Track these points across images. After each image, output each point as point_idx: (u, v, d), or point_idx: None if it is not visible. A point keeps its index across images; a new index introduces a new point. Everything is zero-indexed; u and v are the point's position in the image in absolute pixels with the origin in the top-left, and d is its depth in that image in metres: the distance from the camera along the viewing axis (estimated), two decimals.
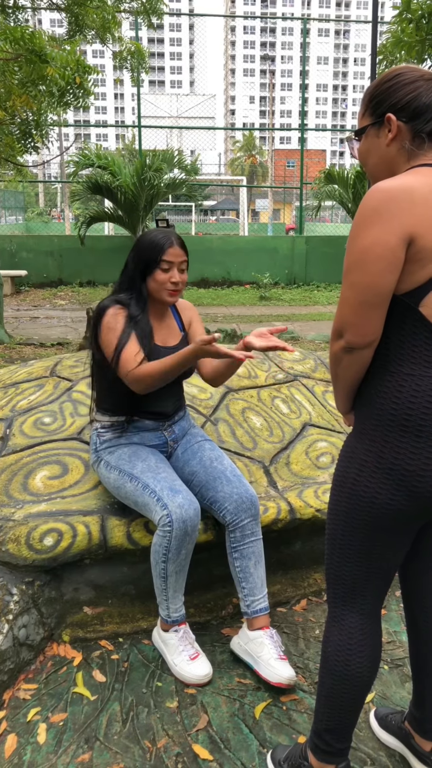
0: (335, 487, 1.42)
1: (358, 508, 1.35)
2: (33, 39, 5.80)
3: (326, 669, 1.47)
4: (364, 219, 1.23)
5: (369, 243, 1.21)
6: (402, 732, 1.69)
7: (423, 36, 6.36)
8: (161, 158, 10.80)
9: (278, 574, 2.40)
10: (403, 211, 1.20)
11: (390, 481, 1.29)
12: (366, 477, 1.33)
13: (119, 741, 1.74)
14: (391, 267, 1.21)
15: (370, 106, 1.37)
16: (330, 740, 1.48)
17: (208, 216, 40.61)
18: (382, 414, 1.30)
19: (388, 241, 1.20)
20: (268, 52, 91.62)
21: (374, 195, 1.22)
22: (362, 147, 1.41)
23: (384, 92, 1.34)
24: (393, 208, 1.20)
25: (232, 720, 1.82)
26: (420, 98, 1.30)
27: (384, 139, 1.35)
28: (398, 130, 1.33)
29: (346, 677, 1.44)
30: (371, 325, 1.25)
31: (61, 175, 25.50)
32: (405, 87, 1.32)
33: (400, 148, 1.33)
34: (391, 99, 1.33)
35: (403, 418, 1.27)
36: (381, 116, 1.35)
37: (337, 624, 1.46)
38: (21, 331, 8.37)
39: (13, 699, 1.90)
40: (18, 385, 2.88)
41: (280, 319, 9.61)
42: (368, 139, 1.39)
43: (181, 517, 1.90)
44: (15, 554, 2.02)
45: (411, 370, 1.27)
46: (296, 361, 3.28)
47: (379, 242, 1.20)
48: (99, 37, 7.80)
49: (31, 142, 7.02)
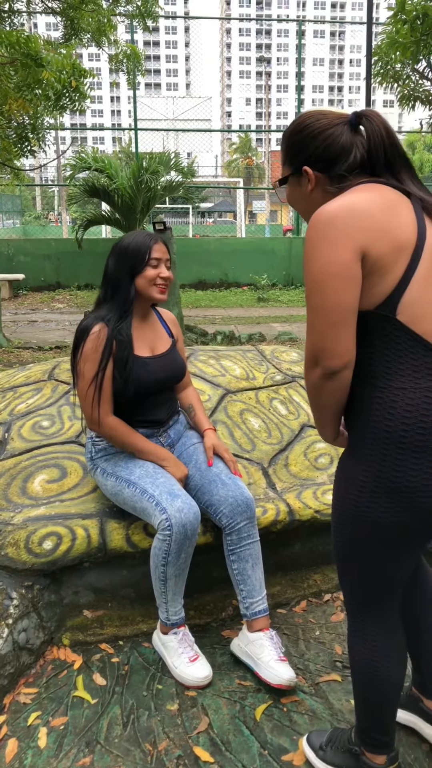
0: (337, 509, 1.40)
1: (363, 530, 1.33)
2: (28, 43, 5.80)
3: (356, 676, 1.51)
4: (312, 244, 1.24)
5: (322, 264, 1.22)
6: (411, 699, 1.74)
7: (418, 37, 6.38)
8: (158, 161, 10.79)
9: (278, 575, 2.40)
10: (348, 228, 1.20)
11: (392, 501, 1.28)
12: (367, 498, 1.30)
13: (120, 744, 1.74)
14: (348, 283, 1.21)
15: (288, 157, 1.41)
16: (374, 735, 1.52)
17: (206, 218, 40.63)
18: (377, 433, 1.27)
19: (341, 258, 1.20)
20: (264, 54, 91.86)
21: (318, 219, 1.24)
22: (289, 194, 1.46)
23: (297, 144, 1.37)
24: (338, 228, 1.21)
25: (233, 722, 1.82)
26: (332, 146, 1.33)
27: (305, 188, 1.38)
28: (317, 180, 1.36)
29: (376, 683, 1.47)
30: (343, 345, 1.23)
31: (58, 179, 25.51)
32: (315, 138, 1.34)
33: (324, 192, 1.36)
34: (305, 152, 1.35)
35: (399, 436, 1.25)
36: (298, 167, 1.37)
37: (360, 634, 1.47)
38: (19, 334, 8.37)
39: (14, 703, 1.89)
40: (16, 389, 2.88)
41: (278, 320, 9.62)
42: (292, 187, 1.43)
43: (181, 521, 1.90)
44: (14, 558, 2.02)
45: (401, 383, 1.25)
46: (294, 362, 3.28)
47: (331, 261, 1.21)
48: (95, 41, 7.81)
49: (27, 146, 7.04)
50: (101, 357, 2.02)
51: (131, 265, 2.08)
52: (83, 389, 2.04)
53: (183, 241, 14.27)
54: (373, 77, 7.93)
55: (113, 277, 2.11)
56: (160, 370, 2.15)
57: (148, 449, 2.08)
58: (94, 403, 2.03)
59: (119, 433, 2.06)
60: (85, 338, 2.04)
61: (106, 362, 2.02)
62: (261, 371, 3.11)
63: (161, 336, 2.24)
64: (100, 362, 2.02)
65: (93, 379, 2.01)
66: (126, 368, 2.04)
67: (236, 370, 3.04)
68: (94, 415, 2.04)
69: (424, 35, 6.37)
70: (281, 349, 3.44)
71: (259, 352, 3.34)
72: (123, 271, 2.09)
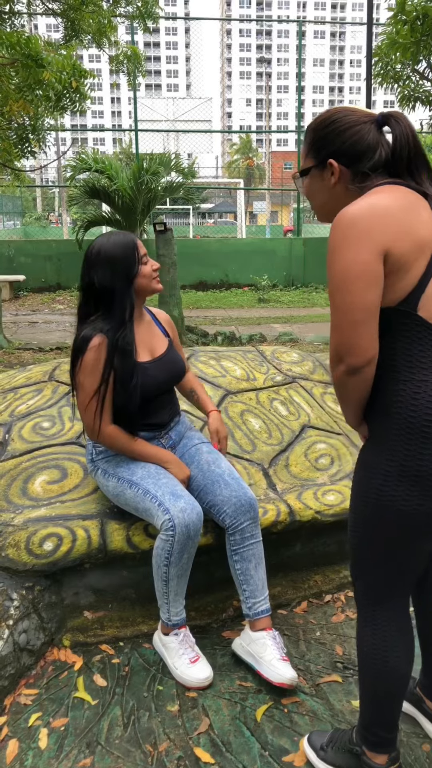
0: (358, 498, 1.43)
1: (385, 518, 1.37)
2: (29, 44, 5.81)
3: (365, 668, 1.52)
4: (336, 245, 1.28)
5: (346, 264, 1.26)
6: (414, 697, 1.79)
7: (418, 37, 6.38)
8: (158, 161, 10.79)
9: (278, 576, 2.40)
10: (370, 229, 1.25)
11: (416, 488, 1.32)
12: (391, 486, 1.34)
13: (120, 745, 1.74)
14: (371, 282, 1.25)
15: (312, 148, 1.42)
16: (379, 732, 1.53)
17: (206, 219, 40.64)
18: (400, 423, 1.32)
19: (364, 259, 1.24)
20: (264, 54, 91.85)
21: (341, 221, 1.28)
22: (308, 186, 1.47)
23: (324, 137, 1.39)
24: (361, 228, 1.25)
25: (234, 723, 1.82)
26: (359, 143, 1.35)
27: (328, 181, 1.41)
28: (341, 173, 1.38)
29: (385, 674, 1.48)
30: (366, 343, 1.28)
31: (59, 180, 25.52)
32: (344, 132, 1.36)
33: (346, 188, 1.39)
34: (332, 145, 1.38)
35: (423, 425, 1.30)
36: (323, 160, 1.39)
37: (370, 625, 1.50)
38: (20, 336, 8.37)
39: (14, 704, 1.89)
40: (17, 390, 2.88)
41: (279, 321, 9.62)
42: (313, 180, 1.45)
43: (184, 522, 1.90)
44: (15, 559, 2.02)
45: (424, 376, 1.31)
46: (295, 363, 3.28)
47: (355, 261, 1.25)
48: (95, 42, 7.81)
49: (28, 147, 7.04)
50: (103, 370, 1.98)
51: (127, 271, 2.02)
52: (84, 401, 2.01)
53: (183, 241, 14.28)
54: (373, 78, 7.93)
55: (106, 287, 2.01)
56: (162, 372, 2.14)
57: (150, 453, 2.08)
58: (96, 415, 2.01)
59: (120, 442, 2.05)
60: (85, 349, 1.98)
61: (108, 375, 1.99)
62: (261, 372, 3.11)
63: (158, 337, 2.23)
64: (102, 375, 1.98)
65: (95, 393, 1.99)
66: (132, 381, 2.01)
67: (237, 371, 3.04)
68: (95, 426, 2.02)
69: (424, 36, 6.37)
70: (282, 349, 3.44)
71: (260, 353, 3.34)
72: (118, 279, 2.01)
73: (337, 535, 2.44)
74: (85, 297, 2.07)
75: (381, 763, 1.53)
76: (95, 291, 2.03)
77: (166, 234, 7.23)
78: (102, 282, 2.01)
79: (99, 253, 2.03)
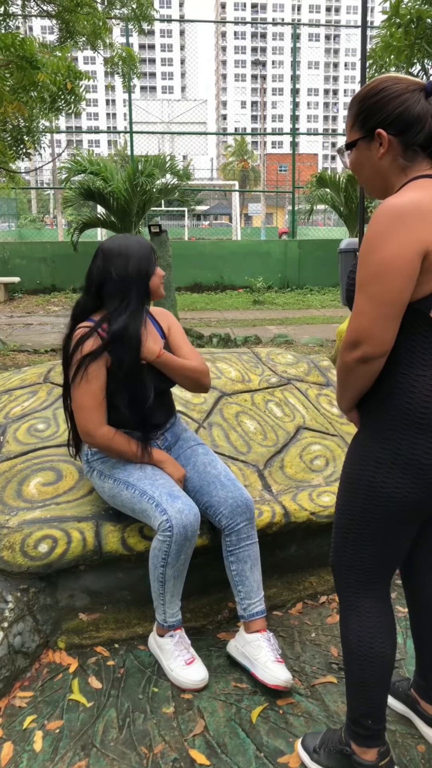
0: (348, 485, 1.46)
1: (376, 504, 1.40)
2: (24, 45, 5.82)
3: (351, 657, 1.53)
4: (379, 234, 1.27)
5: (389, 257, 1.25)
6: (409, 699, 1.80)
7: (412, 40, 6.40)
8: (153, 164, 10.80)
9: (273, 577, 2.40)
10: (416, 226, 1.24)
11: (408, 476, 1.35)
12: (383, 473, 1.38)
13: (116, 747, 1.74)
14: (409, 280, 1.26)
15: (359, 119, 1.40)
16: (368, 724, 1.53)
17: (201, 221, 40.66)
18: (396, 413, 1.35)
19: (408, 256, 1.24)
20: (259, 57, 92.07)
21: (387, 211, 1.27)
22: (354, 159, 1.44)
23: (372, 106, 1.36)
24: (408, 224, 1.25)
25: (229, 724, 1.82)
26: (409, 111, 1.33)
27: (375, 152, 1.38)
28: (389, 144, 1.36)
29: (372, 660, 1.50)
30: (388, 335, 1.30)
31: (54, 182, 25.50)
32: (393, 100, 1.34)
33: (393, 160, 1.37)
34: (380, 114, 1.35)
35: (418, 416, 1.33)
36: (370, 130, 1.37)
37: (354, 612, 1.52)
38: (14, 337, 8.36)
39: (9, 707, 1.89)
40: (11, 392, 2.87)
41: (274, 322, 9.63)
42: (360, 152, 1.42)
43: (181, 522, 1.90)
44: (9, 561, 2.02)
45: (422, 371, 1.33)
46: (290, 365, 3.29)
47: (398, 256, 1.25)
48: (90, 44, 7.82)
49: (22, 149, 7.04)
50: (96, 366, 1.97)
51: (147, 266, 2.02)
52: (78, 398, 2.00)
53: (179, 243, 14.28)
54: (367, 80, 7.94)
55: (124, 281, 1.98)
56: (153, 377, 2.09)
57: (137, 457, 2.07)
58: (88, 413, 2.00)
59: (114, 443, 2.03)
60: (79, 347, 1.97)
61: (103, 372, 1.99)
62: (256, 374, 3.11)
63: (154, 338, 2.21)
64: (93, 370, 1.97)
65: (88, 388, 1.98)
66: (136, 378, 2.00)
67: (232, 373, 3.05)
68: (89, 426, 2.01)
69: (418, 39, 6.39)
70: (277, 351, 3.44)
71: (255, 355, 3.35)
72: (136, 272, 1.99)
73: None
74: (92, 293, 2.03)
75: (371, 759, 1.53)
76: (111, 284, 1.99)
77: (161, 236, 7.23)
78: (120, 273, 1.98)
79: (119, 248, 2.01)
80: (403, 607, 2.29)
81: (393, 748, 1.72)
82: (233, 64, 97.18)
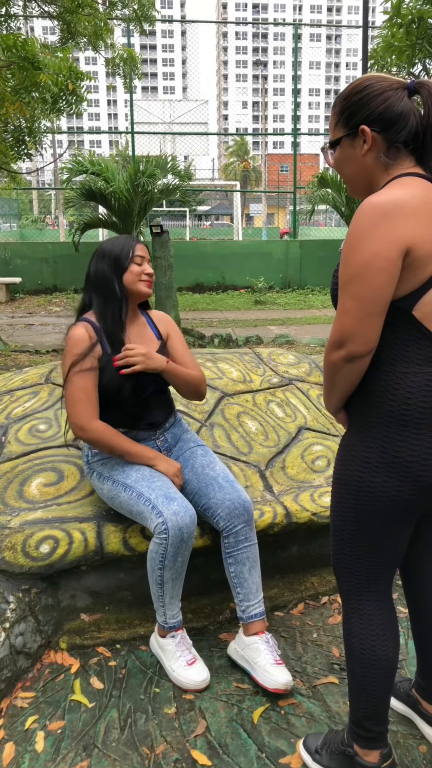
0: (339, 486, 1.46)
1: (365, 504, 1.40)
2: (25, 46, 5.82)
3: (353, 659, 1.53)
4: (361, 232, 1.27)
5: (370, 256, 1.25)
6: (410, 699, 1.80)
7: (413, 40, 6.40)
8: (154, 164, 10.79)
9: (275, 578, 2.40)
10: (398, 224, 1.25)
11: (394, 474, 1.35)
12: (370, 473, 1.37)
13: (117, 748, 1.74)
14: (391, 278, 1.26)
15: (343, 117, 1.41)
16: (370, 726, 1.53)
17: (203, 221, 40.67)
18: (380, 411, 1.35)
19: (389, 254, 1.24)
20: (260, 57, 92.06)
21: (368, 209, 1.27)
22: (338, 157, 1.45)
23: (356, 104, 1.38)
24: (388, 221, 1.25)
25: (231, 725, 1.82)
26: (392, 108, 1.34)
27: (359, 149, 1.39)
28: (373, 141, 1.36)
29: (374, 663, 1.50)
30: (373, 334, 1.30)
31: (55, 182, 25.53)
32: (376, 98, 1.35)
33: (376, 158, 1.38)
34: (364, 111, 1.36)
35: (401, 413, 1.33)
36: (354, 127, 1.38)
37: (356, 614, 1.52)
38: (16, 338, 8.36)
39: (11, 707, 1.89)
40: (13, 393, 2.87)
41: (275, 323, 9.63)
42: (344, 150, 1.43)
43: (177, 524, 1.90)
44: (11, 562, 2.02)
45: (405, 368, 1.33)
46: (291, 365, 3.28)
47: (380, 255, 1.25)
48: (91, 44, 7.82)
49: (24, 149, 7.05)
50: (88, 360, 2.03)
51: (117, 263, 2.10)
52: (71, 393, 2.04)
53: (180, 244, 14.27)
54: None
55: (99, 277, 2.11)
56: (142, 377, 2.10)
57: (136, 451, 2.08)
58: (80, 407, 2.03)
59: (106, 438, 2.04)
60: (72, 342, 2.05)
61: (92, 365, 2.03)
62: (258, 374, 3.11)
63: (149, 339, 2.21)
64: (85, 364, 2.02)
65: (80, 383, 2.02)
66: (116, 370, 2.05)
67: (233, 373, 3.05)
68: (81, 420, 2.03)
69: (419, 39, 6.39)
70: (278, 351, 3.44)
71: (256, 355, 3.35)
72: (108, 270, 2.10)
73: None
74: (85, 288, 2.17)
75: (373, 761, 1.53)
76: (90, 280, 2.14)
77: (163, 236, 7.23)
78: (94, 271, 2.13)
79: (100, 247, 2.16)
80: (404, 608, 2.29)
81: (395, 748, 1.72)
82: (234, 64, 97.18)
